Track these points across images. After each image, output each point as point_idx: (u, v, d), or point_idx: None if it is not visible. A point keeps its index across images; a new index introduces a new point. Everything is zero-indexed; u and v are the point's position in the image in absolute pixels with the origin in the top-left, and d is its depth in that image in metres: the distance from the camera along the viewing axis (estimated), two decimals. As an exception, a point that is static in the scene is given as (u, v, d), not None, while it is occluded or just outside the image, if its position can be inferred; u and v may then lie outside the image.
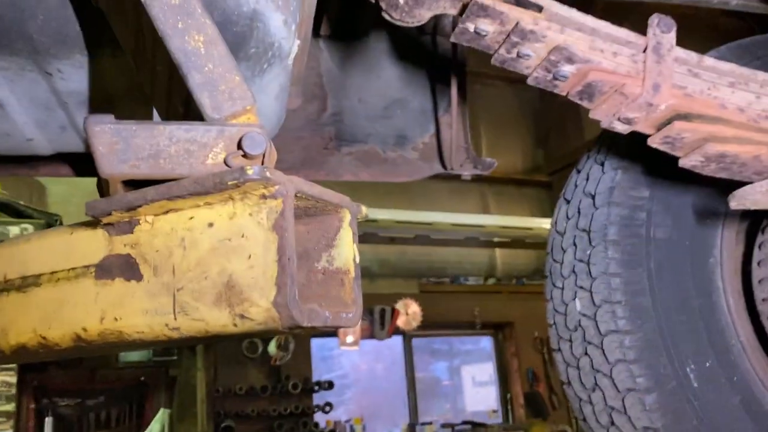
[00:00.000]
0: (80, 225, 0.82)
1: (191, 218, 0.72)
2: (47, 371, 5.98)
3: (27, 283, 0.85)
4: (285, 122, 1.74)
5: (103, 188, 0.78)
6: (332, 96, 1.73)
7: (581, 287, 1.64)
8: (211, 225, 0.71)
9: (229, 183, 0.67)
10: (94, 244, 0.78)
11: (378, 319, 5.51)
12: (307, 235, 0.81)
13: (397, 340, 7.90)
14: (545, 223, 5.78)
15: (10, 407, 5.55)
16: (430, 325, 7.07)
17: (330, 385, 7.02)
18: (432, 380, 8.44)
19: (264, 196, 0.69)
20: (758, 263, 1.63)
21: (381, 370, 8.22)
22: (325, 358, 7.78)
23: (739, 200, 1.24)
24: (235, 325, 0.68)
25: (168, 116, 0.93)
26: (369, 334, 5.72)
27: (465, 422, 7.87)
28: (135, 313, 0.73)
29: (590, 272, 1.61)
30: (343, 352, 7.29)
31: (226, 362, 6.86)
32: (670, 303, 1.52)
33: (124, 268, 0.75)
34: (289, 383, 6.74)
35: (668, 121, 1.20)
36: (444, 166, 1.75)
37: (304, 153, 1.81)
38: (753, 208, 1.25)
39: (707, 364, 1.48)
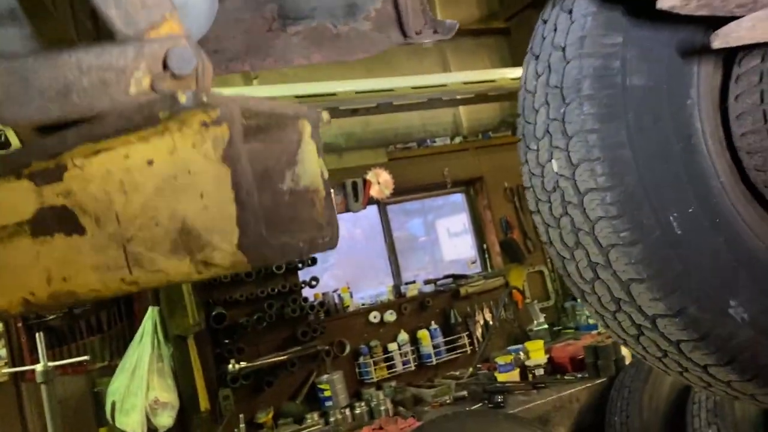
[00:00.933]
0: (0, 178, 0.70)
1: (126, 157, 0.62)
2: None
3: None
4: (220, 5, 1.55)
5: (18, 134, 0.66)
6: (268, -31, 1.53)
7: (557, 147, 1.58)
8: (150, 162, 0.61)
9: (161, 115, 0.56)
10: (21, 198, 0.67)
11: (351, 192, 5.46)
12: (264, 153, 0.71)
13: (372, 208, 7.96)
14: (507, 73, 5.63)
15: (-1, 328, 5.58)
16: (402, 190, 7.10)
17: (313, 261, 7.12)
18: (409, 238, 8.64)
19: (205, 123, 0.57)
20: (735, 98, 1.57)
21: (360, 237, 8.36)
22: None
23: (723, 38, 1.15)
24: (200, 272, 0.60)
25: (78, 35, 0.78)
26: (344, 208, 5.70)
27: (446, 276, 8.15)
28: (84, 270, 0.64)
29: (566, 131, 1.54)
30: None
31: (206, 253, 6.81)
32: (650, 153, 1.47)
33: (62, 221, 0.65)
34: (273, 265, 6.84)
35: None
36: (403, 34, 1.60)
37: (246, 38, 1.64)
38: (737, 44, 1.17)
39: (690, 210, 1.47)
